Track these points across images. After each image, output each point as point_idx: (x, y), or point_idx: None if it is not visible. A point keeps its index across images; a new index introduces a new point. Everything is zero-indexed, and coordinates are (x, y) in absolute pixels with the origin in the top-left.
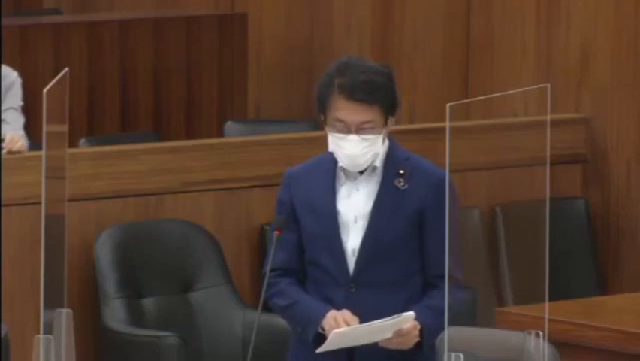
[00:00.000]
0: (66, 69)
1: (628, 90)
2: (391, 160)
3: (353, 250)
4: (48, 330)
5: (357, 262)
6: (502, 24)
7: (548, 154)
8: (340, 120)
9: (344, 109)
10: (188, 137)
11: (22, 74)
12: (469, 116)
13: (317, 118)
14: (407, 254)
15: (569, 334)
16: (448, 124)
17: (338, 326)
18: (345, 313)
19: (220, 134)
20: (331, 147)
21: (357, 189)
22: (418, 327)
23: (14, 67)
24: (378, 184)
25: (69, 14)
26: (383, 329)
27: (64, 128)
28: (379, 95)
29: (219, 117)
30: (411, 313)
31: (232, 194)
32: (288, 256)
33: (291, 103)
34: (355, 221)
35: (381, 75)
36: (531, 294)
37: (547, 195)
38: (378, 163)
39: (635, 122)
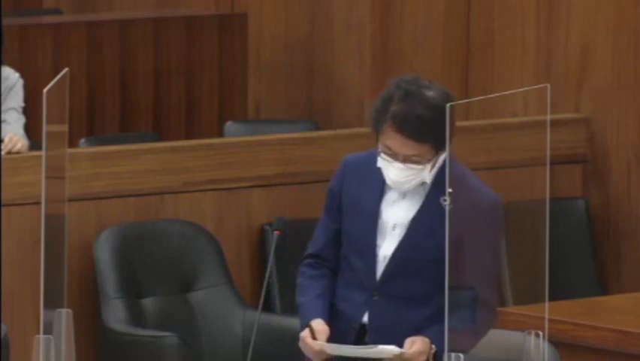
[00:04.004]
0: (66, 69)
1: (628, 90)
2: (443, 177)
3: (385, 256)
4: (48, 330)
5: (386, 270)
6: (502, 24)
7: (548, 154)
8: (388, 147)
9: (393, 139)
10: (188, 137)
11: (22, 74)
12: (469, 116)
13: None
14: (436, 273)
15: (569, 334)
16: (448, 124)
17: (307, 348)
18: (316, 334)
19: (220, 134)
20: (379, 164)
21: (404, 197)
22: (433, 351)
23: (14, 67)
24: (424, 197)
25: (69, 14)
26: (365, 354)
27: (64, 128)
28: (429, 134)
29: (219, 117)
30: (392, 347)
31: (232, 194)
32: (325, 244)
33: (291, 103)
34: (394, 228)
35: (437, 110)
36: (531, 294)
37: (547, 195)
38: (428, 180)
39: (635, 122)
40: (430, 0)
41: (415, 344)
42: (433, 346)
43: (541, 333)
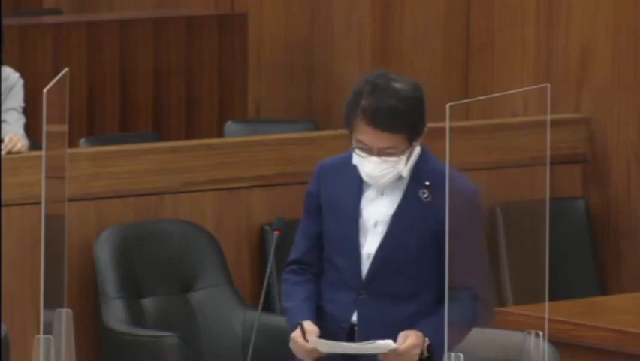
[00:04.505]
0: (66, 69)
1: (628, 90)
2: (419, 169)
3: (369, 254)
4: (48, 330)
5: (371, 268)
6: (502, 24)
7: (548, 154)
8: (362, 142)
9: (366, 133)
10: (188, 137)
11: (22, 74)
12: (469, 116)
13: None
14: (422, 267)
15: (569, 334)
16: (448, 124)
17: (298, 348)
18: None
19: (220, 134)
20: (354, 161)
21: (382, 194)
22: (426, 343)
23: (14, 67)
24: (403, 192)
25: (69, 14)
26: (362, 350)
27: (64, 128)
28: (402, 125)
29: (219, 117)
30: (388, 342)
31: (232, 194)
32: (307, 248)
33: (291, 103)
34: (375, 226)
35: (408, 101)
36: (531, 294)
37: (547, 195)
38: (405, 173)
39: (635, 122)
40: (430, 0)
41: (409, 337)
42: (426, 339)
43: (541, 333)
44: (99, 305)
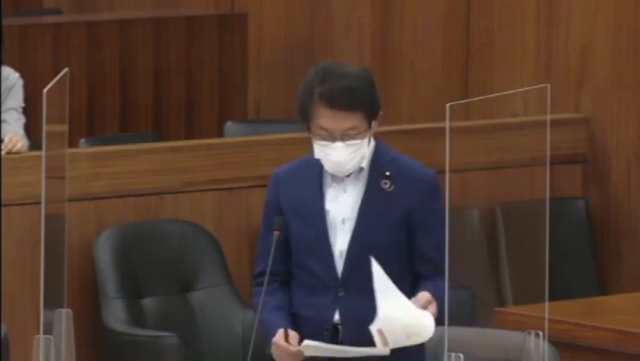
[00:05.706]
0: (66, 69)
1: (628, 90)
2: (377, 162)
3: (341, 252)
4: (48, 330)
5: (346, 265)
6: (502, 24)
7: (548, 154)
8: (324, 128)
9: (326, 117)
10: (188, 137)
11: (22, 74)
12: (469, 116)
13: (301, 125)
14: (395, 255)
15: (569, 334)
16: (448, 124)
17: (282, 352)
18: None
19: (220, 134)
20: (317, 154)
21: (345, 191)
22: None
23: (14, 67)
24: (365, 186)
25: (69, 14)
26: (353, 353)
27: (64, 128)
28: (360, 101)
29: (219, 117)
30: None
31: (232, 194)
32: (273, 259)
33: (291, 103)
34: (343, 223)
35: (360, 80)
36: (531, 294)
37: (547, 195)
38: (365, 165)
39: (635, 122)
40: (430, 0)
41: (423, 295)
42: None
43: (541, 333)
44: (99, 305)
